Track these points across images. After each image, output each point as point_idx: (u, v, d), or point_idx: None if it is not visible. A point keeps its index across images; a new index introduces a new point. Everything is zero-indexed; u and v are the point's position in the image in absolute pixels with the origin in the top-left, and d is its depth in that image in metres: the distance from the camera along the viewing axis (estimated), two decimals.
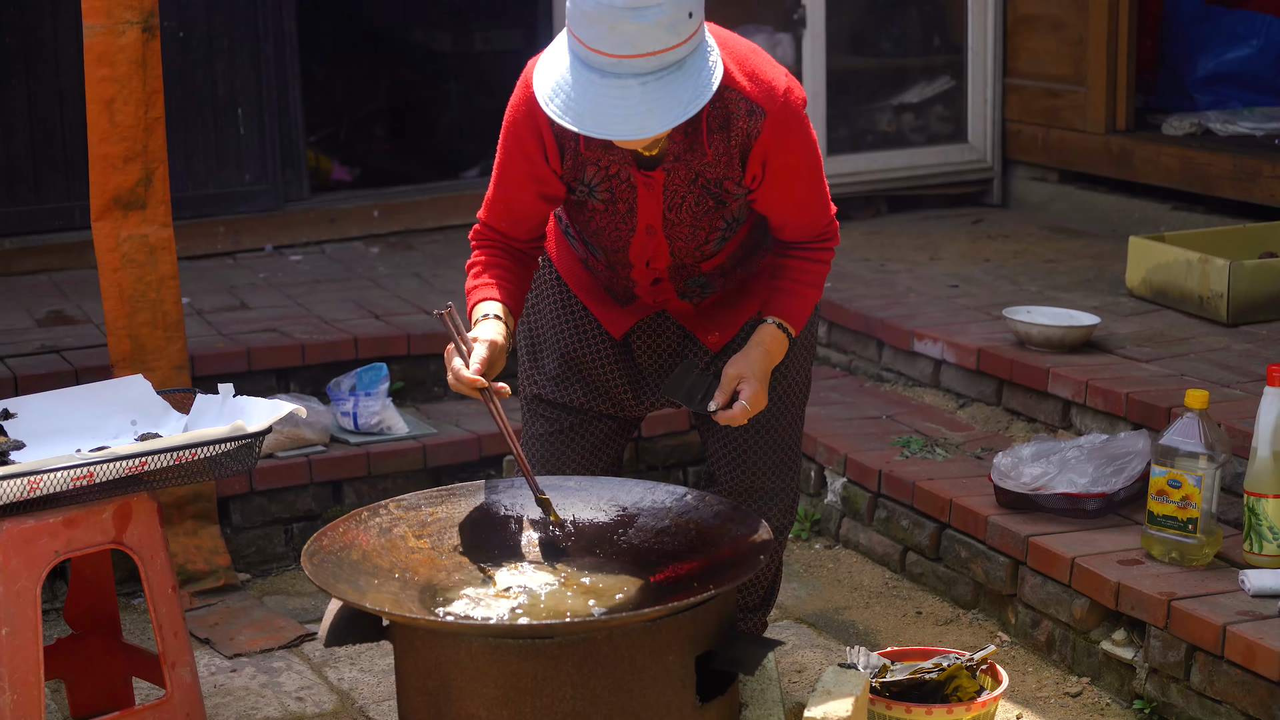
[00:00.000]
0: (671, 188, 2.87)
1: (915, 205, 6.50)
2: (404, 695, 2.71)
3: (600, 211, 2.94)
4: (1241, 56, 6.39)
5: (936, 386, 4.73)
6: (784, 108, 2.81)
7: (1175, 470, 3.44)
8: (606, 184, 2.89)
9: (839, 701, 2.68)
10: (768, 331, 2.96)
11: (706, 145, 2.80)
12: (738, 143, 2.81)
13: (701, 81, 2.62)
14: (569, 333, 3.18)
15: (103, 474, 2.85)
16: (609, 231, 2.97)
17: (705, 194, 2.88)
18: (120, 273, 3.96)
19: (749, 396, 2.87)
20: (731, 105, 2.78)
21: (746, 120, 2.79)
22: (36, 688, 2.87)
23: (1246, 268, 4.59)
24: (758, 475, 3.22)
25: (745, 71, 2.80)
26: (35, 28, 5.64)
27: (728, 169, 2.84)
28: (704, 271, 3.05)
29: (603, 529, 2.95)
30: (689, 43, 2.60)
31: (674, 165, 2.84)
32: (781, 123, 2.81)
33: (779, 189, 2.88)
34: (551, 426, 3.24)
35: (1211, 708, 3.26)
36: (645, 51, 2.55)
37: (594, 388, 3.20)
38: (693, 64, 2.62)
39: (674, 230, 2.94)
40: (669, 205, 2.90)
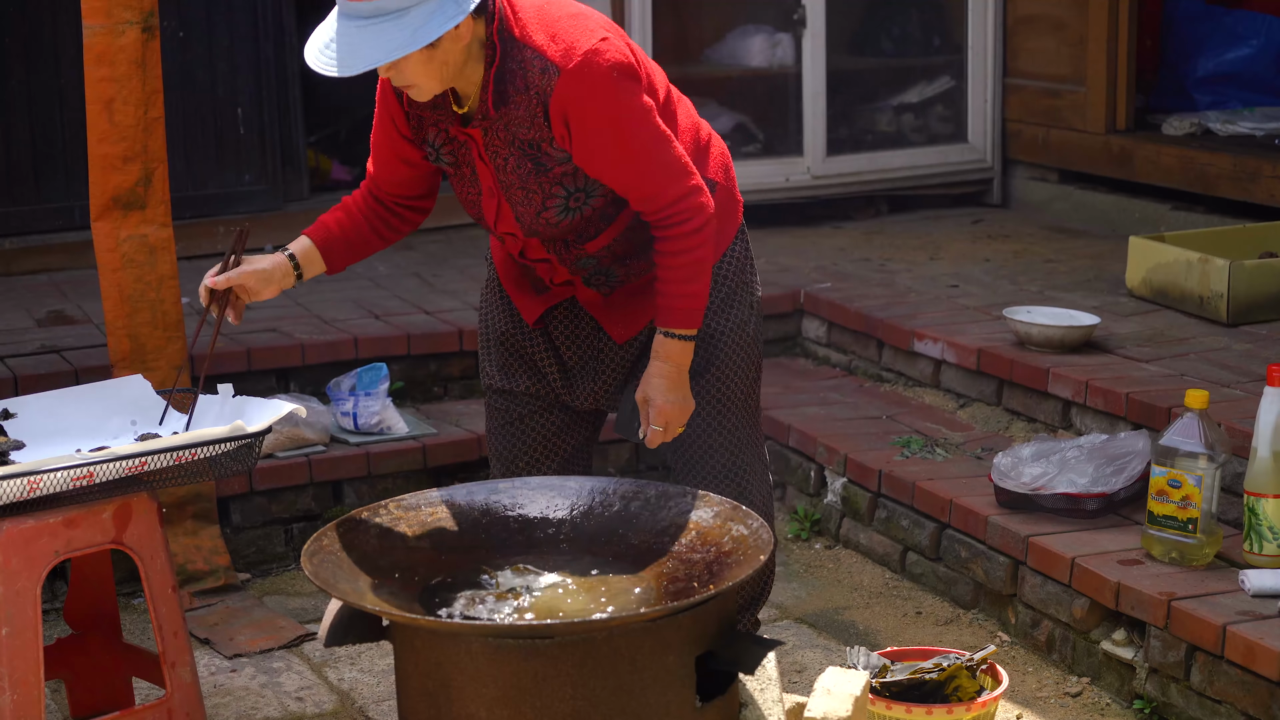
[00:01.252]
0: (493, 148, 2.94)
1: (915, 205, 6.50)
2: (404, 695, 2.71)
3: (453, 176, 3.06)
4: (1241, 56, 6.39)
5: (936, 386, 4.73)
6: (581, 67, 2.82)
7: (1175, 470, 3.44)
8: (449, 146, 3.00)
9: (839, 701, 2.68)
10: (659, 342, 3.04)
11: (491, 102, 2.87)
12: (538, 100, 2.85)
13: (416, 33, 2.71)
14: (503, 319, 3.26)
15: (103, 474, 2.85)
16: (465, 197, 3.08)
17: (524, 155, 2.93)
18: (120, 273, 3.96)
19: (654, 417, 3.05)
20: (528, 63, 2.84)
21: (540, 78, 2.84)
22: (36, 688, 2.87)
23: (1246, 268, 4.59)
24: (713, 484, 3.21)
25: (549, 32, 2.85)
26: (35, 28, 5.64)
27: (537, 129, 2.88)
28: (592, 254, 3.06)
29: (603, 529, 2.95)
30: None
31: (485, 124, 2.91)
32: (577, 81, 2.82)
33: (594, 151, 2.89)
34: (504, 417, 3.30)
35: (1211, 708, 3.26)
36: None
37: (534, 372, 3.25)
38: (414, 17, 2.71)
39: (510, 193, 2.99)
40: (497, 166, 2.97)
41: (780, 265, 5.55)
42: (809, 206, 6.29)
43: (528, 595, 2.74)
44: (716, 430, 3.19)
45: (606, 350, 3.20)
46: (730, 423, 3.20)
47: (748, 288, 3.23)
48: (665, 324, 3.02)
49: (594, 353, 3.21)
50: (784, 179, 6.22)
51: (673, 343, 3.02)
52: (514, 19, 2.85)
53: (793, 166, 6.22)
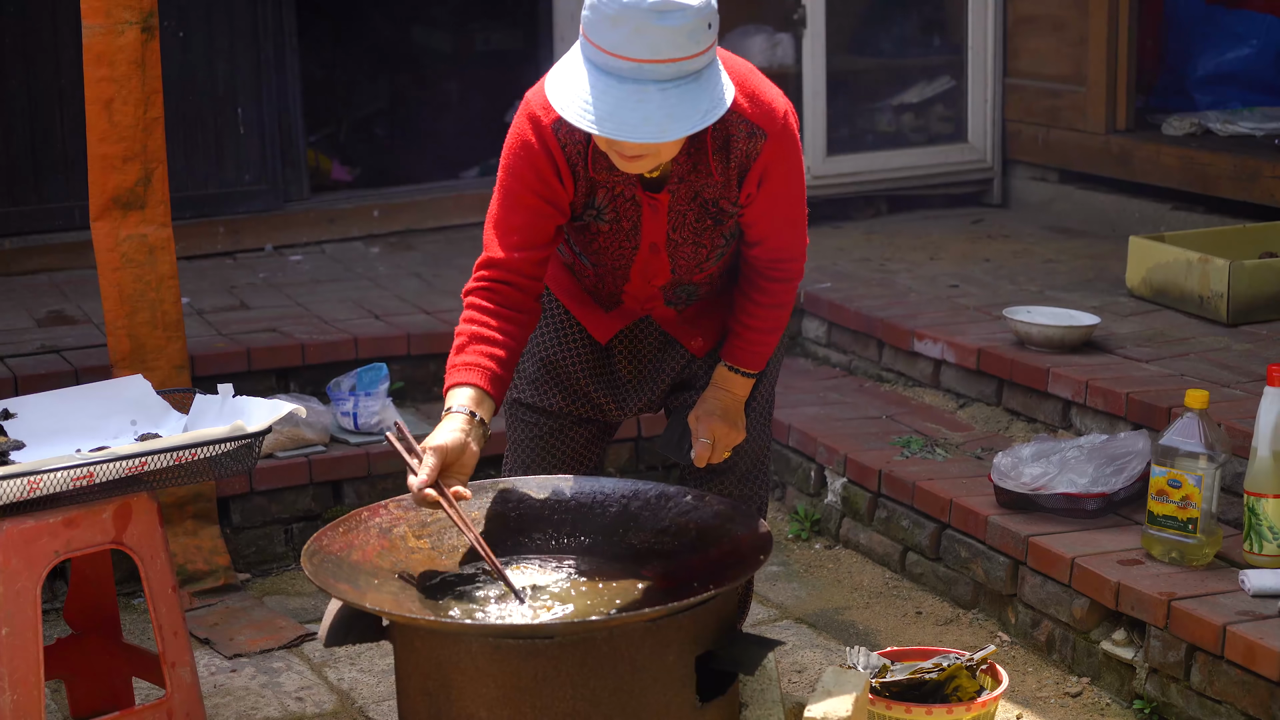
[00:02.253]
0: (676, 209, 2.89)
1: (915, 205, 6.50)
2: (404, 695, 2.71)
3: (605, 233, 2.94)
4: (1241, 56, 6.39)
5: (936, 386, 4.73)
6: (783, 130, 2.83)
7: (1175, 470, 3.44)
8: (612, 205, 2.90)
9: (839, 701, 2.68)
10: (724, 376, 3.08)
11: (713, 166, 2.81)
12: (736, 163, 2.82)
13: (716, 94, 2.63)
14: (549, 338, 3.17)
15: (103, 474, 2.85)
16: (612, 250, 2.97)
17: (704, 212, 2.90)
18: (120, 272, 3.96)
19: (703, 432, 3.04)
20: (732, 127, 2.79)
21: (746, 142, 2.80)
22: (36, 688, 2.87)
23: (1246, 268, 4.59)
24: (725, 485, 3.24)
25: (745, 92, 2.81)
26: (35, 28, 5.64)
27: (725, 189, 2.86)
28: (694, 282, 3.07)
29: (603, 529, 2.95)
30: (706, 54, 2.61)
31: (678, 186, 2.85)
32: (780, 145, 2.83)
33: (771, 209, 2.91)
34: (531, 432, 3.23)
35: (1211, 708, 3.26)
36: (667, 57, 2.56)
37: (572, 393, 3.20)
38: (708, 76, 2.63)
39: (676, 250, 2.96)
40: (672, 225, 2.91)
41: None
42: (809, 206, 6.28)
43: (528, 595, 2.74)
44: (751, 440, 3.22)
45: (668, 362, 3.17)
46: (761, 432, 3.25)
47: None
48: (736, 361, 3.07)
49: (655, 365, 3.19)
50: None
51: (737, 378, 3.08)
52: None
53: None
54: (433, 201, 6.29)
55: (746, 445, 3.21)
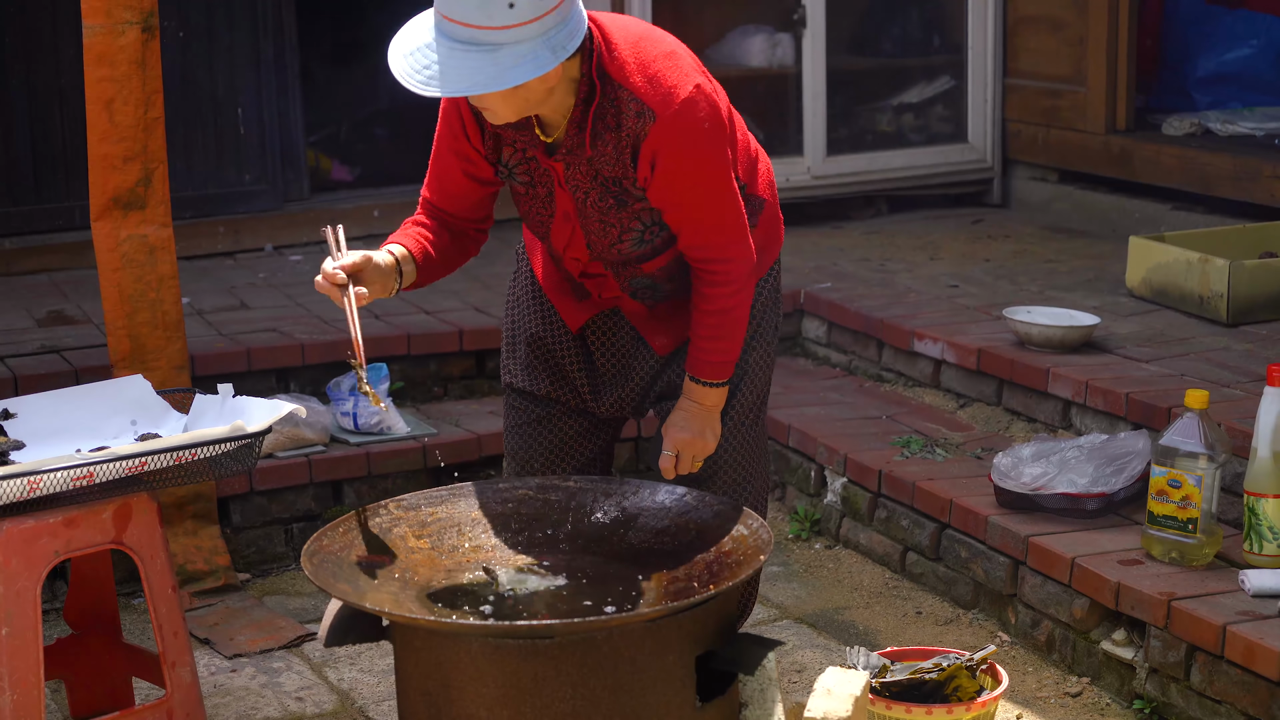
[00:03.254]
0: (574, 181, 2.92)
1: (915, 205, 6.50)
2: (404, 695, 2.71)
3: (523, 195, 3.01)
4: (1241, 56, 6.39)
5: (936, 386, 4.73)
6: (678, 115, 2.81)
7: (1175, 470, 3.44)
8: (524, 166, 2.95)
9: (839, 701, 2.68)
10: (689, 387, 3.08)
11: (589, 140, 2.84)
12: (628, 142, 2.83)
13: (504, 73, 2.65)
14: (537, 320, 3.24)
15: (103, 474, 2.85)
16: (534, 216, 3.04)
17: (606, 191, 2.91)
18: (120, 273, 3.96)
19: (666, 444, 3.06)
20: (623, 104, 2.81)
21: (635, 121, 2.81)
22: (36, 688, 2.87)
23: (1246, 268, 4.59)
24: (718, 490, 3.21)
25: (647, 74, 2.81)
26: (35, 28, 5.64)
27: (622, 168, 2.87)
28: (647, 273, 3.06)
29: (603, 529, 2.95)
30: (505, 32, 2.63)
31: (569, 158, 2.88)
32: (672, 129, 2.81)
33: (668, 195, 2.89)
34: (521, 417, 3.28)
35: (1211, 708, 3.26)
36: (458, 19, 2.65)
37: (558, 377, 3.23)
38: (507, 55, 2.65)
39: (587, 223, 2.98)
40: (575, 197, 2.94)
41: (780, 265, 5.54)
42: (809, 206, 6.29)
43: (528, 595, 2.74)
44: (727, 448, 3.19)
45: (640, 360, 3.19)
46: (741, 441, 3.21)
47: (775, 312, 3.26)
48: (693, 370, 3.06)
49: (628, 362, 3.20)
50: (784, 179, 6.22)
51: (698, 388, 3.07)
52: (610, 57, 2.80)
53: (793, 166, 6.22)
54: None
55: (726, 457, 3.18)
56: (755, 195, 3.12)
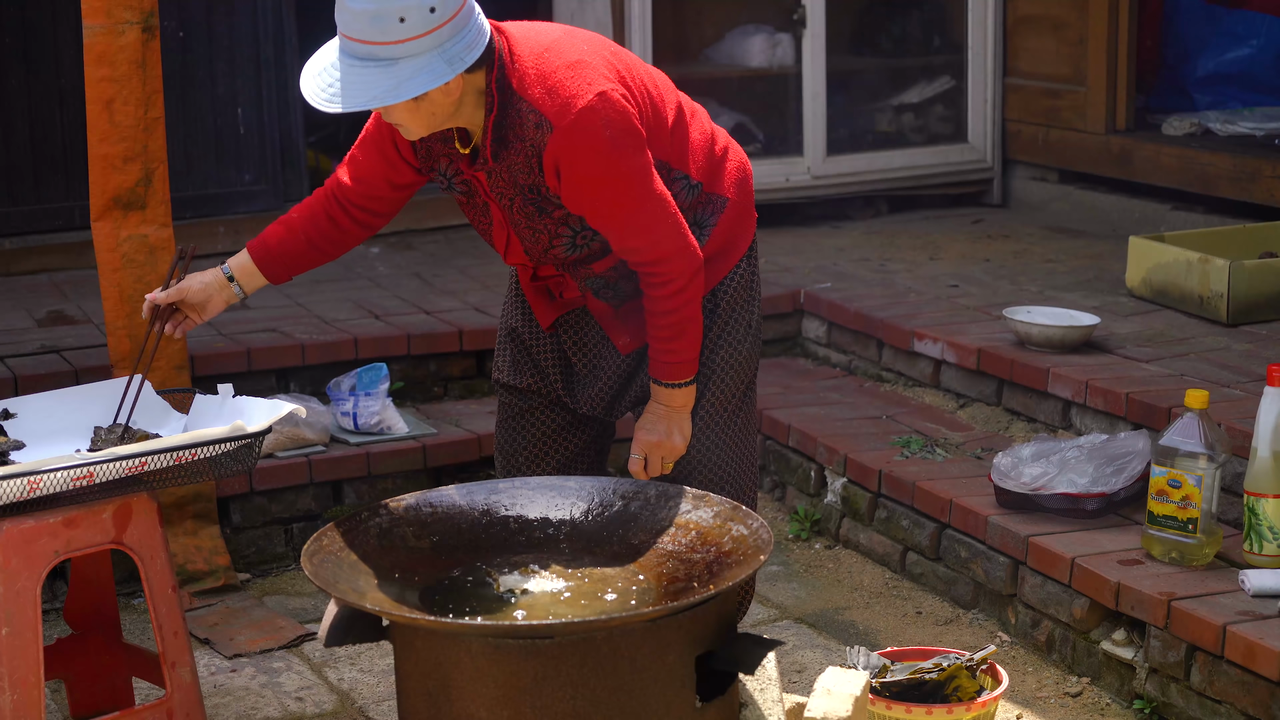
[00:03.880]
0: (497, 189, 2.97)
1: (915, 205, 6.50)
2: (404, 695, 2.71)
3: (465, 204, 3.09)
4: (1241, 56, 6.39)
5: (936, 386, 4.73)
6: (573, 125, 2.83)
7: (1175, 470, 3.44)
8: (460, 176, 3.01)
9: (839, 701, 2.68)
10: (656, 391, 3.12)
11: (490, 153, 2.89)
12: (533, 152, 2.87)
13: (401, 85, 2.71)
14: (518, 317, 3.32)
15: (103, 474, 2.85)
16: (477, 224, 3.12)
17: (526, 199, 2.96)
18: (120, 273, 3.96)
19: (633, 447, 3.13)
20: (523, 116, 2.85)
21: (534, 131, 2.85)
22: (36, 688, 2.87)
23: (1246, 268, 4.59)
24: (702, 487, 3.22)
25: (547, 85, 2.84)
26: (35, 28, 5.64)
27: (534, 176, 2.91)
28: (599, 273, 3.10)
29: (603, 529, 2.95)
30: (400, 46, 2.70)
31: (492, 166, 2.93)
32: (569, 139, 2.83)
33: (580, 202, 2.93)
34: (506, 412, 3.37)
35: (1211, 708, 3.26)
36: (354, 36, 2.73)
37: (537, 372, 3.30)
38: (404, 69, 2.71)
39: (519, 230, 3.03)
40: (501, 205, 3.00)
41: (780, 265, 5.55)
42: (809, 206, 6.29)
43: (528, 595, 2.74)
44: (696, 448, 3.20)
45: (609, 358, 3.22)
46: (714, 439, 3.22)
47: (749, 306, 3.24)
48: (653, 374, 3.10)
49: (598, 360, 3.24)
50: (784, 179, 6.22)
51: (661, 389, 3.11)
52: (512, 69, 2.85)
53: (793, 166, 6.22)
54: (433, 201, 6.29)
55: (700, 457, 3.19)
56: (716, 194, 3.13)
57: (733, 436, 3.26)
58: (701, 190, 3.09)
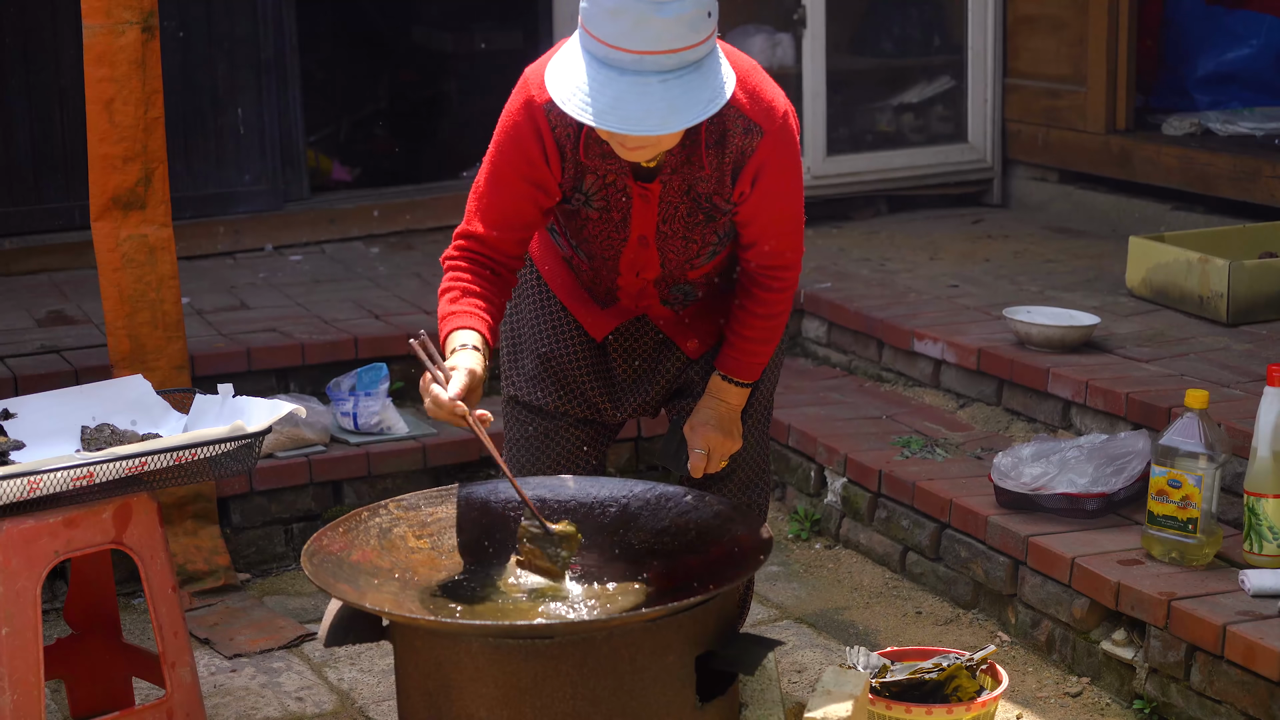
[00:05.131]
0: (666, 200, 2.88)
1: (915, 205, 6.50)
2: (404, 695, 2.71)
3: (594, 220, 2.93)
4: (1241, 56, 6.39)
5: (936, 386, 4.73)
6: (781, 130, 2.82)
7: (1175, 470, 3.44)
8: (603, 193, 2.88)
9: (839, 701, 2.68)
10: (718, 385, 3.07)
11: (704, 159, 2.80)
12: (731, 159, 2.81)
13: (716, 84, 2.62)
14: (547, 334, 3.16)
15: (103, 474, 2.85)
16: (601, 240, 2.96)
17: (696, 207, 2.89)
18: (120, 273, 3.96)
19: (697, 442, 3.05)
20: (729, 121, 2.78)
21: (743, 138, 2.79)
22: (36, 688, 2.87)
23: (1246, 268, 4.59)
24: (726, 493, 3.20)
25: (746, 89, 2.79)
26: (35, 28, 5.64)
27: (719, 184, 2.85)
28: (690, 280, 3.06)
29: (603, 529, 2.95)
30: (706, 44, 2.61)
31: (670, 178, 2.84)
32: (777, 144, 2.82)
33: (762, 207, 2.89)
34: (526, 431, 3.21)
35: (1211, 708, 3.26)
36: (667, 48, 2.55)
37: (569, 391, 3.18)
38: (709, 65, 2.62)
39: (666, 242, 2.94)
40: (663, 217, 2.90)
41: None
42: (809, 206, 6.22)
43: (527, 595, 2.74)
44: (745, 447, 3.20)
45: (666, 363, 3.16)
46: (752, 440, 3.23)
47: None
48: (730, 371, 3.06)
49: (651, 366, 3.17)
50: None
51: (731, 388, 3.07)
52: None
53: None
54: (433, 201, 6.29)
55: (744, 454, 3.19)
56: None
57: (763, 439, 3.29)
58: None
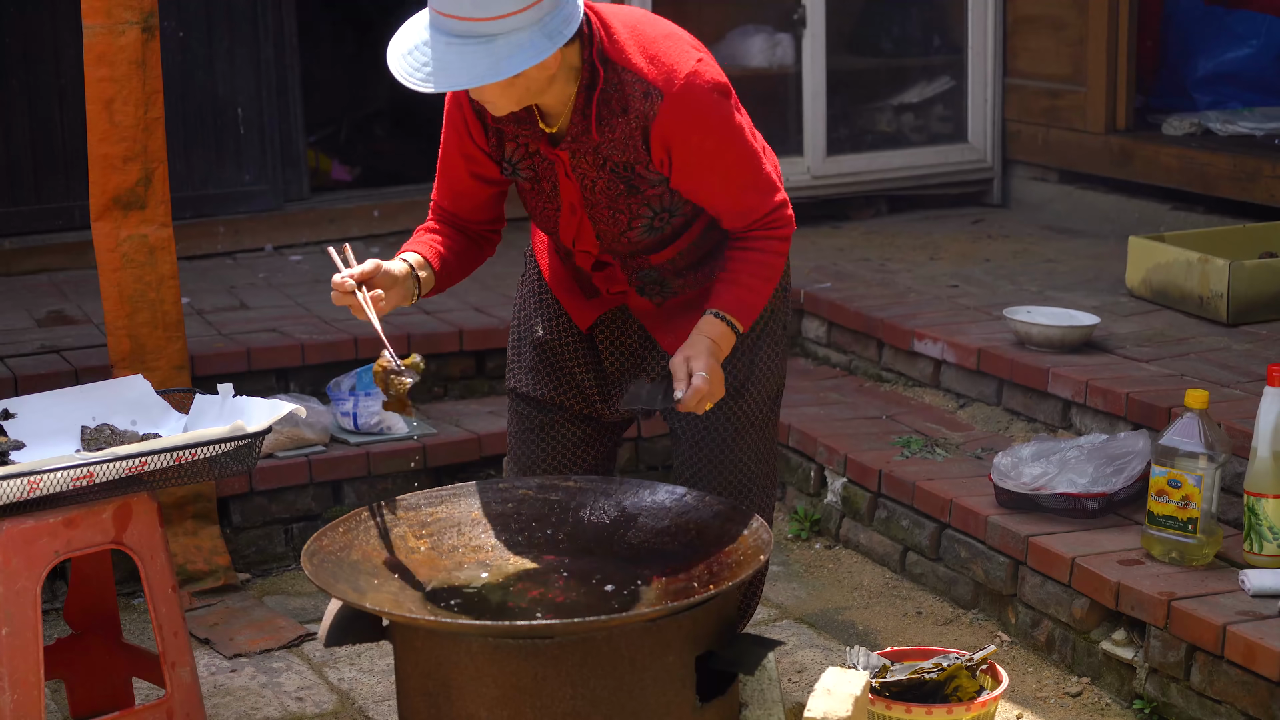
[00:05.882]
0: (580, 169, 2.90)
1: (915, 205, 6.50)
2: (404, 695, 2.71)
3: (529, 191, 3.00)
4: (1241, 56, 6.39)
5: (936, 386, 4.73)
6: (684, 90, 2.80)
7: (1175, 470, 3.44)
8: (528, 161, 2.94)
9: (839, 701, 2.68)
10: (709, 322, 2.92)
11: (594, 126, 2.82)
12: (637, 125, 2.82)
13: (500, 64, 2.65)
14: (542, 323, 3.20)
15: (103, 474, 2.85)
16: (540, 211, 3.03)
17: (615, 178, 2.90)
18: (120, 273, 3.96)
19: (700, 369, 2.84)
20: (628, 88, 2.80)
21: (642, 102, 2.80)
22: (36, 688, 2.87)
23: (1246, 268, 4.59)
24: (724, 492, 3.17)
25: (647, 55, 2.81)
26: (35, 28, 5.64)
27: (633, 152, 2.85)
28: (655, 265, 3.04)
29: (603, 529, 2.95)
30: (499, 22, 2.63)
31: (574, 145, 2.86)
32: (681, 105, 2.80)
33: (695, 173, 2.88)
34: (525, 424, 3.25)
35: (1211, 708, 3.26)
36: (452, 13, 2.65)
37: (565, 382, 3.20)
38: (503, 46, 2.65)
39: (595, 211, 2.96)
40: (583, 186, 2.93)
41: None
42: (809, 206, 6.29)
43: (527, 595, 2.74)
44: (731, 448, 3.17)
45: (650, 360, 3.17)
46: (745, 442, 3.18)
47: (784, 311, 3.23)
48: (723, 307, 2.92)
49: (637, 362, 3.18)
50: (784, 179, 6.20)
51: (724, 328, 2.92)
52: (610, 41, 2.80)
53: (793, 166, 6.22)
54: None
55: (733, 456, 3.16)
56: None
57: (764, 441, 3.22)
58: None
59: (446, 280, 3.03)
